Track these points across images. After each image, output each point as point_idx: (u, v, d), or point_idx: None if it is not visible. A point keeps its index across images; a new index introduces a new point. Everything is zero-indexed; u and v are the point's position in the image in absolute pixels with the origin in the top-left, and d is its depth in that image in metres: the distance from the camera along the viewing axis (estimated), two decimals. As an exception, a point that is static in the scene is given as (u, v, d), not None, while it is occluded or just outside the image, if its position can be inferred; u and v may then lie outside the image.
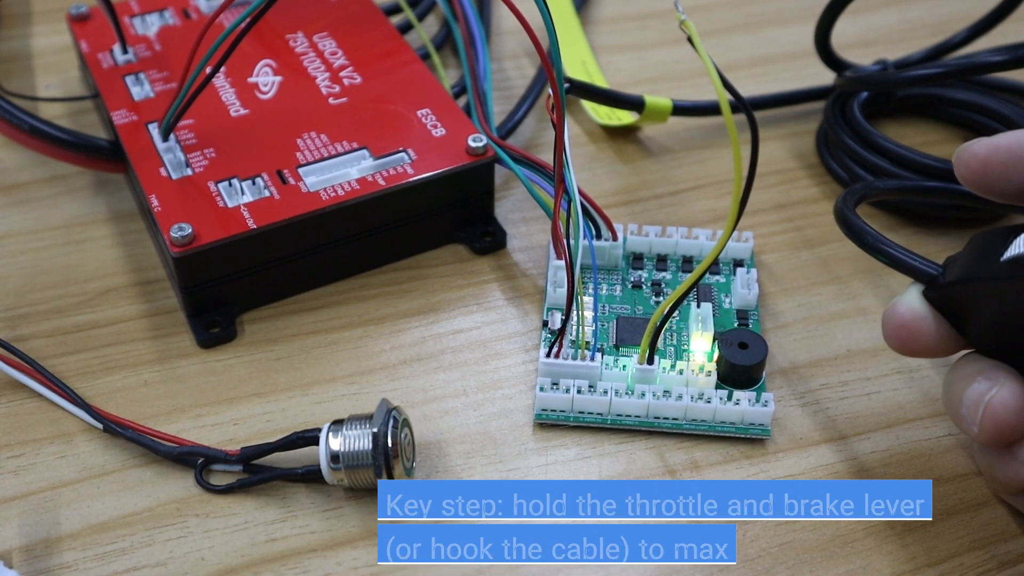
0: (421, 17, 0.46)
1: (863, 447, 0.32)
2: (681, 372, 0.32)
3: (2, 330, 0.35)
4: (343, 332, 0.35)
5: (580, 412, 0.32)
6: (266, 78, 0.39)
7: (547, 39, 0.31)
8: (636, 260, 0.37)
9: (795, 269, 0.38)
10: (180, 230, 0.33)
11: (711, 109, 0.43)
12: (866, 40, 0.47)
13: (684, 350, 0.34)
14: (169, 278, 0.36)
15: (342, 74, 0.40)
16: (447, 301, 0.36)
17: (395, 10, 0.46)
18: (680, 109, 0.42)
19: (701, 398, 0.32)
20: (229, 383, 0.34)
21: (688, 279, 0.29)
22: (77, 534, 0.29)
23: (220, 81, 0.39)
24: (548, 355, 0.32)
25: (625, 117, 0.43)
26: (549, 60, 0.31)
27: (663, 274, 0.36)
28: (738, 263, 0.37)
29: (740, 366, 0.32)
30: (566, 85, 0.36)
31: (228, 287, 0.35)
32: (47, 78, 0.46)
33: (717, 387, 0.33)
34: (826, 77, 0.44)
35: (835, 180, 0.41)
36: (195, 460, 0.31)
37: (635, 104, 0.41)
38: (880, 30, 0.45)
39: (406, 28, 0.45)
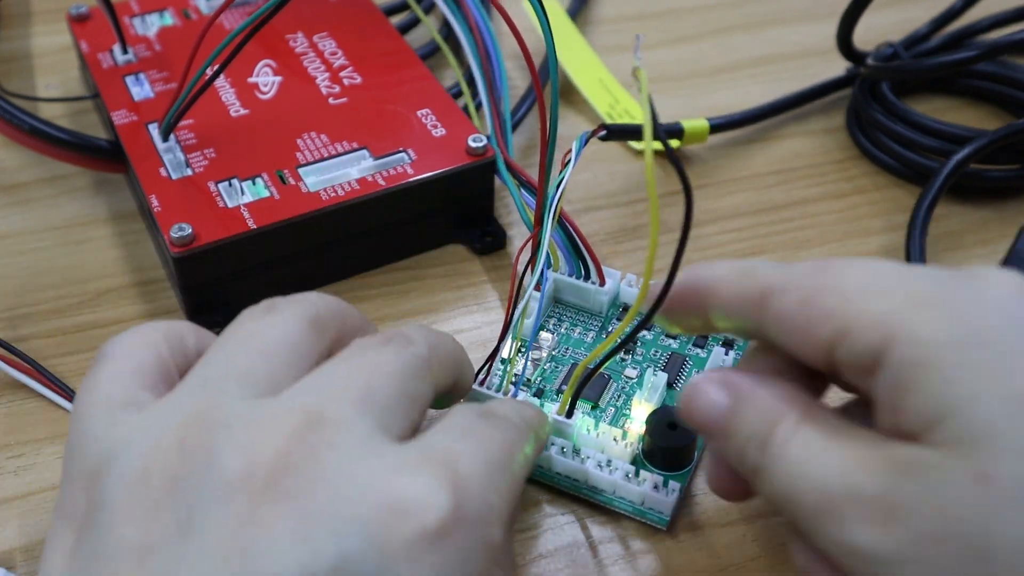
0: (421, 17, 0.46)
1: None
2: (600, 435, 0.30)
3: (2, 330, 0.35)
4: (343, 332, 0.35)
5: None
6: (266, 78, 0.39)
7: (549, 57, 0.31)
8: (624, 313, 0.34)
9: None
10: (180, 230, 0.33)
11: (746, 120, 0.43)
12: (867, 40, 0.47)
13: (624, 414, 0.31)
14: (169, 278, 0.36)
15: (342, 74, 0.40)
16: (447, 301, 0.36)
17: (395, 10, 0.46)
18: (716, 127, 0.42)
19: (608, 466, 0.29)
20: (229, 383, 0.33)
21: (611, 336, 0.27)
22: (77, 534, 0.29)
23: (220, 81, 0.39)
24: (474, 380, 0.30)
25: None
26: (547, 122, 0.31)
27: (644, 333, 0.34)
28: (728, 343, 0.33)
29: (660, 446, 0.30)
30: (602, 133, 0.35)
31: (228, 287, 0.35)
32: (47, 78, 0.46)
33: (637, 461, 0.30)
34: (824, 77, 0.44)
35: (868, 157, 0.42)
36: None
37: (673, 133, 0.41)
38: (880, 30, 0.45)
39: (406, 28, 0.45)
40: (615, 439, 0.30)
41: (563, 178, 0.31)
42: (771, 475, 0.23)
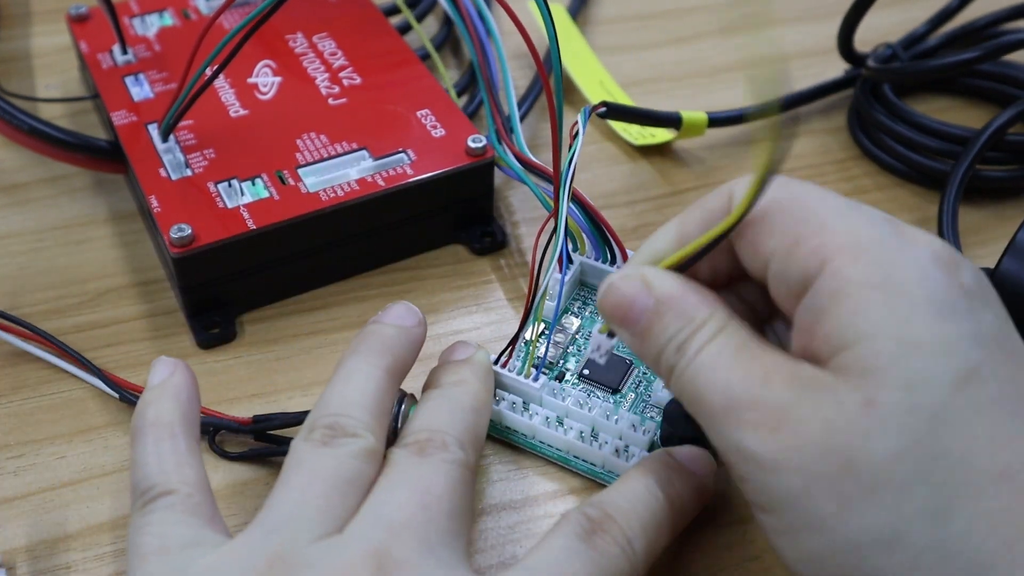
0: (421, 17, 0.46)
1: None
2: (618, 421, 0.30)
3: (2, 330, 0.35)
4: (343, 332, 0.35)
5: (507, 427, 0.31)
6: (266, 79, 0.39)
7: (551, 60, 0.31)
8: None
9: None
10: (180, 230, 0.33)
11: (744, 118, 0.42)
12: (866, 40, 0.47)
13: (646, 400, 0.32)
14: (169, 278, 0.36)
15: (342, 74, 0.40)
16: (447, 301, 0.36)
17: (395, 10, 0.46)
18: (715, 121, 0.41)
19: (625, 452, 0.30)
20: (229, 383, 0.34)
21: (694, 242, 0.25)
22: (78, 534, 0.29)
23: (220, 82, 0.39)
24: (496, 362, 0.31)
25: (661, 135, 0.42)
26: (554, 98, 0.31)
27: None
28: None
29: (677, 434, 0.30)
30: (602, 109, 0.35)
31: (228, 287, 0.35)
32: (47, 78, 0.46)
33: (655, 449, 0.30)
34: (824, 77, 0.44)
35: (869, 158, 0.42)
36: (207, 429, 0.31)
37: (671, 121, 0.40)
38: (881, 30, 0.45)
39: (406, 29, 0.45)
40: (633, 426, 0.30)
41: (575, 150, 0.32)
42: (684, 374, 0.25)
